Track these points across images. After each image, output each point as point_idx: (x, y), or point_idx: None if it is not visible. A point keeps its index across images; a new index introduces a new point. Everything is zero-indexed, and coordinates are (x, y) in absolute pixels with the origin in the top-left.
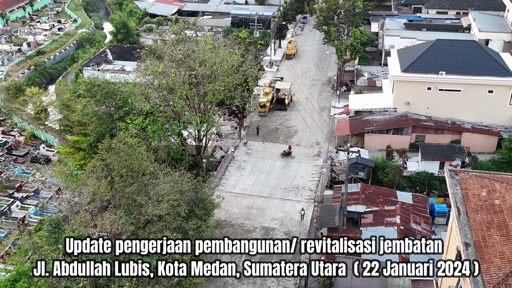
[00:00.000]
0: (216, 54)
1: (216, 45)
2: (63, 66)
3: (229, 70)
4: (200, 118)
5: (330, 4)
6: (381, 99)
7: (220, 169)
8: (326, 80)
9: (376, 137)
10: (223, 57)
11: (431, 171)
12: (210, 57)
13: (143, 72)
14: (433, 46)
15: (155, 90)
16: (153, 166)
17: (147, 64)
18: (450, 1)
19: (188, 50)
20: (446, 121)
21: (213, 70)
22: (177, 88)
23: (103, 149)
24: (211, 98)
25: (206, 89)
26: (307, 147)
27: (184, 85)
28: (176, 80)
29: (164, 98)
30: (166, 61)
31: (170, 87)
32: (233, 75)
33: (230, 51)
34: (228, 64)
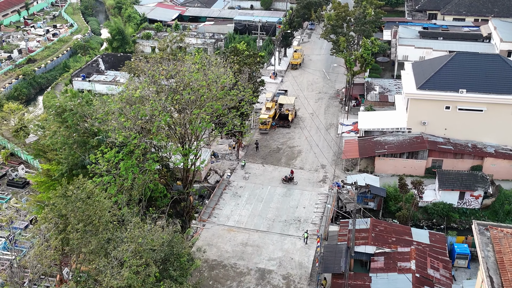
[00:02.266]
0: (204, 74)
1: (206, 63)
2: (54, 75)
3: (218, 94)
4: (183, 150)
5: (339, 12)
6: (394, 117)
7: (214, 197)
8: (334, 93)
9: (388, 161)
10: (212, 79)
11: (450, 201)
12: (196, 79)
13: (118, 97)
14: (452, 61)
15: (131, 118)
16: (122, 213)
17: (124, 86)
18: (468, 7)
19: (172, 71)
20: (466, 144)
21: (199, 95)
22: (156, 116)
23: (56, 197)
24: (197, 127)
25: (191, 117)
26: (311, 171)
27: (164, 112)
28: (156, 107)
29: (140, 128)
30: (146, 83)
31: (148, 115)
32: (223, 99)
33: (221, 70)
34: (218, 87)
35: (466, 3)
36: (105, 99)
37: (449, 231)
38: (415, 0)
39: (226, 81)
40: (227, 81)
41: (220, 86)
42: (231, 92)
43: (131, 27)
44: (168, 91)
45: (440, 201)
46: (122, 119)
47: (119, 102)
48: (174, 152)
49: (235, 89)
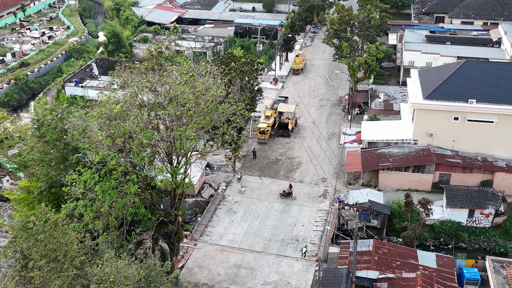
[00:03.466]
0: (192, 87)
1: (195, 73)
2: (47, 80)
3: (205, 109)
4: (169, 170)
5: (343, 15)
6: (399, 128)
7: (207, 213)
8: (336, 101)
9: (393, 175)
10: (201, 91)
11: (458, 219)
12: (183, 92)
13: (96, 111)
14: (461, 69)
15: (110, 135)
16: (95, 244)
17: (103, 101)
18: (476, 10)
19: (157, 83)
20: (475, 157)
21: (185, 110)
22: (138, 134)
23: (16, 230)
24: (182, 146)
25: (175, 134)
26: (312, 184)
27: (146, 129)
28: (137, 123)
29: (121, 146)
30: (128, 96)
31: (129, 132)
32: (212, 113)
33: (211, 82)
34: (207, 101)
35: (474, 6)
36: (83, 113)
37: (458, 253)
38: (422, 3)
39: (216, 94)
40: (217, 94)
41: (209, 100)
42: (221, 106)
43: (129, 30)
44: (152, 106)
45: (448, 219)
46: (100, 136)
47: (98, 117)
48: (158, 173)
49: (226, 102)
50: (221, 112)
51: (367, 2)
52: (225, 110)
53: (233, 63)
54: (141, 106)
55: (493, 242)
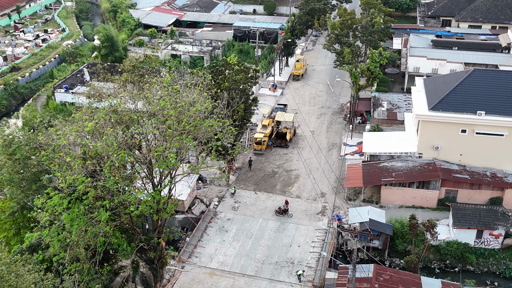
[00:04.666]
0: (174, 102)
1: (182, 84)
2: (39, 85)
3: (188, 126)
4: (149, 193)
5: (345, 19)
6: (403, 140)
7: (197, 232)
8: (338, 108)
9: (396, 191)
10: (184, 106)
11: (465, 240)
12: (163, 108)
13: (68, 129)
14: (469, 78)
15: (81, 157)
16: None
17: (77, 117)
18: (484, 13)
19: (136, 97)
20: (484, 172)
21: (164, 128)
22: (111, 155)
23: None
24: (161, 166)
25: (154, 154)
26: (309, 200)
27: (120, 150)
28: (111, 142)
29: (91, 170)
30: (103, 113)
31: (101, 153)
32: (196, 130)
33: (196, 95)
34: (189, 117)
35: (482, 9)
36: (52, 131)
37: (466, 280)
38: (427, 6)
39: (200, 109)
40: (203, 109)
41: (193, 116)
42: (206, 122)
43: (125, 33)
44: (130, 122)
45: (454, 240)
46: (69, 158)
47: (69, 136)
48: (133, 199)
49: (211, 117)
50: (205, 129)
51: (370, 5)
52: (209, 127)
53: (228, 71)
54: (118, 123)
55: (503, 265)
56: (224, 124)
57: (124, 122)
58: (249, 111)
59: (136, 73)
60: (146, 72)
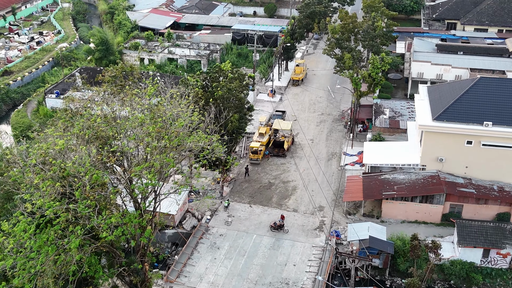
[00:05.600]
0: (157, 115)
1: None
2: (31, 89)
3: (170, 143)
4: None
5: (346, 23)
6: (405, 150)
7: (187, 248)
8: (338, 115)
9: (398, 205)
10: (166, 121)
11: (471, 259)
12: (142, 123)
13: (36, 148)
14: (475, 86)
15: (51, 178)
16: None
17: (49, 132)
18: (491, 16)
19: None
20: (491, 186)
21: (144, 146)
22: (82, 177)
23: None
24: (140, 188)
25: (131, 175)
26: (307, 214)
27: (94, 170)
28: (83, 162)
29: (60, 192)
30: (77, 129)
31: (72, 173)
32: (180, 147)
33: (181, 109)
34: (171, 133)
35: (489, 12)
36: (22, 149)
37: None
38: (432, 8)
39: (184, 124)
40: (186, 123)
41: (175, 132)
42: (190, 138)
43: (121, 36)
44: (106, 140)
45: (459, 259)
46: (37, 180)
47: (38, 155)
48: (105, 226)
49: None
50: (189, 146)
51: (373, 8)
52: (194, 144)
53: (222, 78)
54: (96, 138)
55: (511, 286)
56: (212, 140)
57: (101, 138)
58: (244, 121)
59: (118, 83)
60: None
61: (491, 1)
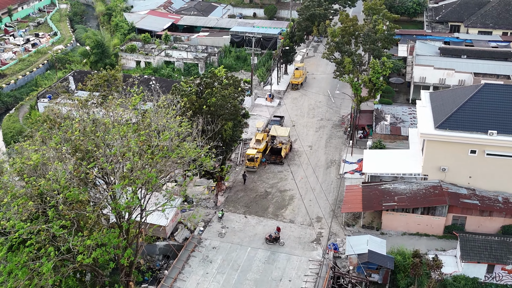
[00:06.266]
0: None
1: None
2: (24, 93)
3: (151, 160)
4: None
5: (347, 26)
6: (407, 159)
7: (178, 262)
8: (338, 121)
9: (398, 217)
10: (151, 134)
11: (475, 275)
12: (123, 136)
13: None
14: (479, 93)
15: (25, 195)
16: None
17: (24, 146)
18: (495, 18)
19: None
20: (495, 197)
21: (124, 162)
22: (55, 195)
23: None
24: (121, 207)
25: (109, 193)
26: (304, 225)
27: (69, 187)
28: (58, 179)
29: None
30: (55, 142)
31: (46, 191)
32: (165, 162)
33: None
34: (155, 147)
35: (493, 14)
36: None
37: None
38: (435, 10)
39: (166, 138)
40: (173, 137)
41: (159, 146)
42: (174, 154)
43: (117, 38)
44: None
45: (462, 275)
46: (9, 197)
47: (12, 172)
48: (81, 248)
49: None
50: (174, 161)
51: (374, 11)
52: (179, 159)
53: (216, 84)
54: (75, 151)
55: None
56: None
57: (81, 151)
58: (238, 129)
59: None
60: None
61: (495, 3)
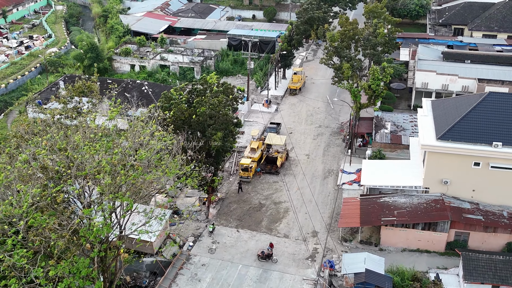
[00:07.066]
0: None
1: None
2: (14, 97)
3: (122, 182)
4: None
5: (347, 30)
6: (407, 170)
7: (165, 281)
8: (337, 128)
9: (398, 232)
10: (126, 152)
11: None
12: (93, 155)
13: None
14: (483, 103)
15: None
16: None
17: None
18: (500, 21)
19: (62, 142)
20: (500, 212)
21: (94, 184)
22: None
23: None
24: (88, 235)
25: (76, 221)
26: (299, 240)
27: (33, 212)
28: (22, 203)
29: None
30: (20, 162)
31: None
32: (140, 183)
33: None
34: (129, 168)
35: (498, 17)
36: None
37: None
38: (438, 13)
39: (143, 157)
40: (149, 155)
41: (136, 164)
42: (149, 175)
43: (112, 41)
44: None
45: None
46: None
47: None
48: (43, 281)
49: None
50: (151, 182)
51: (375, 14)
52: (156, 181)
53: (208, 91)
54: (43, 171)
55: None
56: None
57: (49, 172)
58: (229, 140)
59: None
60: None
61: (500, 6)
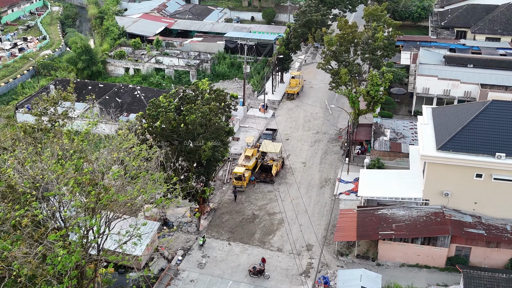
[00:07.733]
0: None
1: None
2: (5, 101)
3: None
4: None
5: (345, 33)
6: (406, 181)
7: None
8: (335, 134)
9: (396, 247)
10: (98, 170)
11: None
12: (64, 175)
13: None
14: (486, 111)
15: None
16: None
17: None
18: (504, 24)
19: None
20: (503, 226)
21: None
22: None
23: None
24: (58, 265)
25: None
26: (292, 255)
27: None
28: None
29: None
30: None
31: None
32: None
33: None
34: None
35: (502, 19)
36: None
37: None
38: (441, 15)
39: (117, 174)
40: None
41: (108, 185)
42: (122, 196)
43: (107, 43)
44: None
45: None
46: None
47: None
48: None
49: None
50: (123, 204)
51: (375, 17)
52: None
53: (199, 99)
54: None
55: None
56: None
57: (14, 193)
58: (220, 150)
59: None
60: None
61: (504, 8)
